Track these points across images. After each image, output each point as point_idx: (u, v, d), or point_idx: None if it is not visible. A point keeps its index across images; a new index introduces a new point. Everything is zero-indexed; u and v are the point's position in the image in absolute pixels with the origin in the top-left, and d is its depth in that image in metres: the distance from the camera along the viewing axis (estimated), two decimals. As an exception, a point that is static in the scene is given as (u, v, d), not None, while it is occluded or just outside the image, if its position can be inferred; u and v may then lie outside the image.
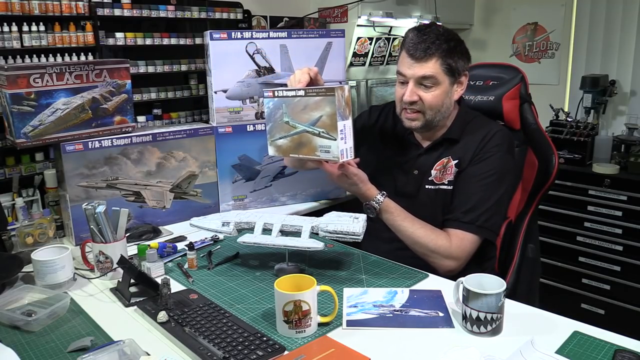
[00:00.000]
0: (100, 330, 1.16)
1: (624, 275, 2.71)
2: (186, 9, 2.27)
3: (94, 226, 1.40)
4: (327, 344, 1.08)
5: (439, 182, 1.52)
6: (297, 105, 1.44)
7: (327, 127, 1.39)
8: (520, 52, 3.58)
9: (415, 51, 1.43)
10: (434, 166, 1.54)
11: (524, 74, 1.67)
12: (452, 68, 1.45)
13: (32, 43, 1.85)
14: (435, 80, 1.45)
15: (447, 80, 1.47)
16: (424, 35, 1.44)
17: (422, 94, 1.46)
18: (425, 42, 1.43)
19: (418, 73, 1.44)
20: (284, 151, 1.50)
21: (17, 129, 1.57)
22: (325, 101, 1.38)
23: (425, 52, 1.42)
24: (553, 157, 1.62)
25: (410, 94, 1.46)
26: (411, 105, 1.48)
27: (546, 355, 1.01)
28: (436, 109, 1.48)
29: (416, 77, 1.45)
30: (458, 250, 1.43)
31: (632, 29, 3.08)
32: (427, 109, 1.48)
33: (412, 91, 1.46)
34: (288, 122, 1.46)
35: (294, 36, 2.00)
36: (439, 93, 1.46)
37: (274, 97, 1.48)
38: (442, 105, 1.49)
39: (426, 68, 1.43)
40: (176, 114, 2.33)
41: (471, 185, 1.47)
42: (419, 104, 1.47)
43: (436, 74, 1.44)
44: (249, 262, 1.52)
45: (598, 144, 2.89)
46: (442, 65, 1.44)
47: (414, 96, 1.46)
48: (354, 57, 3.02)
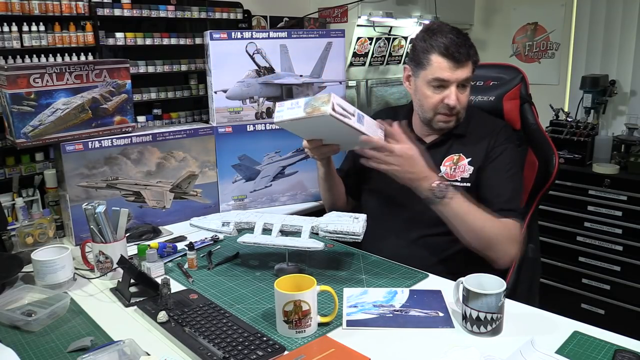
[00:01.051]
0: (100, 330, 1.16)
1: (624, 275, 2.71)
2: (186, 9, 2.27)
3: (94, 226, 1.40)
4: (327, 344, 1.08)
5: (452, 178, 1.52)
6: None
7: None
8: (520, 52, 3.58)
9: (460, 55, 1.43)
10: (442, 162, 1.54)
11: (524, 74, 1.67)
12: (477, 65, 1.50)
13: (32, 43, 1.86)
14: (470, 81, 1.49)
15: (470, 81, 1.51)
16: (460, 39, 1.44)
17: (459, 97, 1.47)
18: (465, 46, 1.44)
19: (461, 77, 1.45)
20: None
21: (17, 129, 1.57)
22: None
23: (467, 56, 1.44)
24: (553, 157, 1.62)
25: (455, 99, 1.45)
26: (453, 109, 1.47)
27: (546, 355, 1.01)
28: (466, 108, 1.52)
29: (459, 80, 1.45)
30: (518, 237, 1.43)
31: (632, 29, 3.08)
32: (461, 110, 1.50)
33: (456, 95, 1.45)
34: None
35: (294, 36, 2.00)
36: (468, 94, 1.50)
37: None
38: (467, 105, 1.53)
39: (467, 70, 1.45)
40: (176, 114, 2.33)
41: (500, 177, 1.48)
42: (457, 107, 1.48)
43: (471, 75, 1.48)
44: (249, 262, 1.52)
45: (598, 144, 2.89)
46: (473, 67, 1.48)
47: (457, 101, 1.46)
48: (354, 57, 3.02)
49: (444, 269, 1.42)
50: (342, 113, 1.29)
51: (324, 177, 1.64)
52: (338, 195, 1.72)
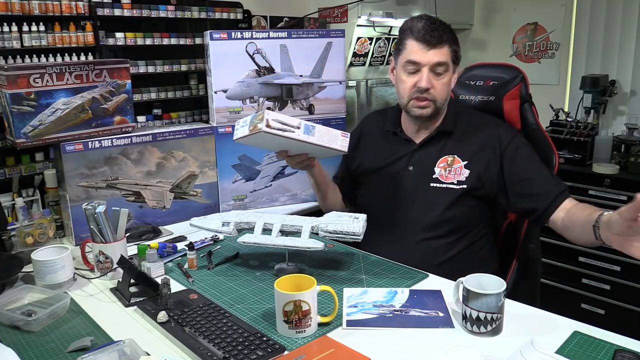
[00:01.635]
0: (100, 330, 1.16)
1: (624, 275, 2.71)
2: (186, 9, 2.27)
3: (94, 226, 1.40)
4: (327, 344, 1.08)
5: (447, 181, 1.51)
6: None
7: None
8: (520, 52, 3.58)
9: (431, 37, 1.44)
10: (435, 163, 1.53)
11: (524, 74, 1.67)
12: (457, 55, 1.49)
13: (32, 43, 1.86)
14: (447, 67, 1.47)
15: (452, 68, 1.49)
16: (434, 24, 1.46)
17: (433, 82, 1.47)
18: (438, 30, 1.45)
19: (433, 59, 1.45)
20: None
21: (17, 129, 1.57)
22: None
23: (441, 39, 1.45)
24: (553, 157, 1.62)
25: (426, 81, 1.46)
26: (425, 92, 1.47)
27: (546, 355, 1.01)
28: (445, 97, 1.51)
29: (431, 63, 1.45)
30: None
31: (632, 29, 3.07)
32: (437, 97, 1.49)
33: (428, 78, 1.46)
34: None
35: (294, 36, 2.00)
36: (447, 81, 1.49)
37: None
38: (448, 93, 1.52)
39: (440, 54, 1.45)
40: (176, 114, 2.33)
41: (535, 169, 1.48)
42: (431, 91, 1.48)
43: (447, 60, 1.47)
44: (249, 262, 1.52)
45: (598, 144, 2.89)
46: (451, 52, 1.47)
47: (429, 83, 1.46)
48: (354, 57, 3.02)
49: (442, 272, 1.42)
50: (281, 128, 1.37)
51: (315, 185, 1.69)
52: (333, 202, 1.73)
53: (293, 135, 1.38)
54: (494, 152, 1.50)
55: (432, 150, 1.55)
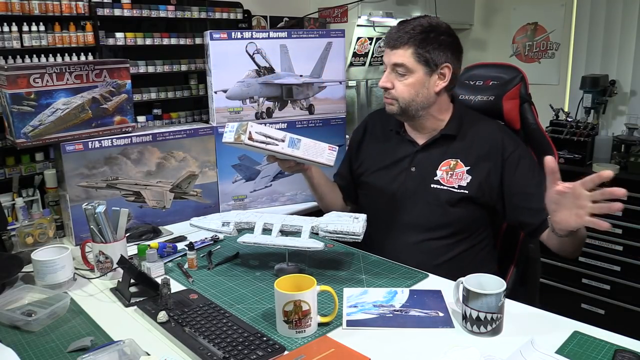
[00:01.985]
0: (100, 330, 1.16)
1: (624, 275, 2.71)
2: (186, 9, 2.27)
3: (94, 226, 1.40)
4: (327, 344, 1.08)
5: (448, 184, 1.51)
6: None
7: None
8: (520, 52, 3.58)
9: (389, 40, 1.49)
10: (438, 166, 1.53)
11: (524, 74, 1.67)
12: (426, 58, 1.46)
13: (32, 43, 1.86)
14: (407, 68, 1.47)
15: (422, 70, 1.47)
16: (401, 25, 1.49)
17: (395, 82, 1.50)
18: (399, 32, 1.48)
19: (391, 60, 1.49)
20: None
21: (17, 129, 1.57)
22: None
23: (397, 41, 1.47)
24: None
25: (383, 80, 1.52)
26: (385, 91, 1.53)
27: (546, 355, 1.01)
28: (409, 99, 1.50)
29: (390, 64, 1.50)
30: None
31: (632, 29, 3.08)
32: (399, 97, 1.50)
33: (386, 77, 1.51)
34: None
35: (294, 36, 2.00)
36: (412, 82, 1.48)
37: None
38: (417, 95, 1.49)
39: (397, 56, 1.48)
40: (176, 114, 2.33)
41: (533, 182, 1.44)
42: (391, 92, 1.51)
43: (406, 62, 1.46)
44: (249, 262, 1.52)
45: (598, 144, 2.89)
46: (415, 54, 1.46)
47: (387, 83, 1.51)
48: (354, 57, 3.02)
49: (442, 272, 1.42)
50: (264, 141, 1.40)
51: (311, 187, 1.70)
52: (332, 202, 1.74)
53: (276, 148, 1.42)
54: (496, 160, 1.49)
55: (435, 153, 1.55)
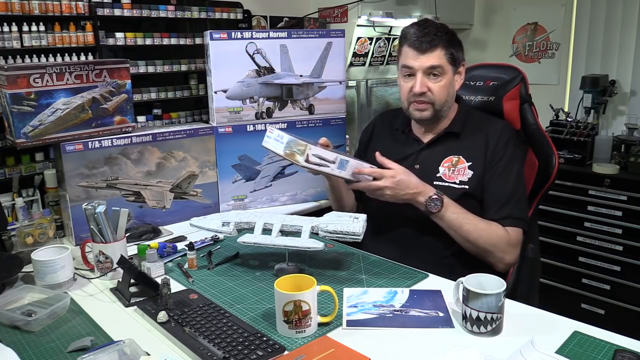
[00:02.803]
0: (100, 330, 1.16)
1: (624, 275, 2.71)
2: (186, 9, 2.27)
3: (94, 226, 1.40)
4: (327, 344, 1.08)
5: (450, 180, 1.52)
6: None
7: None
8: (520, 52, 3.58)
9: (421, 44, 1.48)
10: (441, 162, 1.54)
11: (524, 74, 1.67)
12: (454, 57, 1.51)
13: (32, 43, 1.85)
14: (442, 69, 1.49)
15: (451, 70, 1.52)
16: (426, 29, 1.49)
17: (430, 85, 1.50)
18: (429, 35, 1.48)
19: (426, 64, 1.48)
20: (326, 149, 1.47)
21: (17, 129, 1.57)
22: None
23: (431, 44, 1.47)
24: (553, 157, 1.62)
25: (420, 85, 1.50)
26: (421, 96, 1.51)
27: (546, 355, 1.01)
28: (444, 99, 1.52)
29: (424, 67, 1.49)
30: (515, 242, 1.46)
31: (632, 29, 3.07)
32: (436, 99, 1.51)
33: (422, 82, 1.50)
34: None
35: (294, 36, 2.00)
36: (445, 83, 1.51)
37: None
38: (448, 95, 1.53)
39: (432, 58, 1.48)
40: (176, 114, 2.33)
41: (497, 183, 1.49)
42: (428, 95, 1.51)
43: (442, 63, 1.49)
44: (249, 262, 1.52)
45: (598, 144, 2.89)
46: (446, 54, 1.49)
47: (424, 87, 1.50)
48: (354, 57, 3.02)
49: (444, 270, 1.42)
50: (319, 163, 1.40)
51: (330, 189, 1.72)
52: (346, 203, 1.74)
53: (327, 170, 1.42)
54: (486, 152, 1.52)
55: (439, 150, 1.57)
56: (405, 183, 1.43)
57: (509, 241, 1.45)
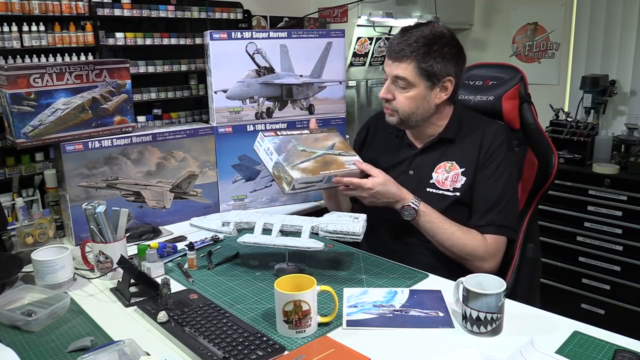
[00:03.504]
0: (100, 330, 1.16)
1: (624, 275, 2.71)
2: (186, 9, 2.27)
3: (94, 226, 1.40)
4: (327, 344, 1.08)
5: (443, 187, 1.51)
6: (307, 138, 1.56)
7: (343, 149, 1.55)
8: (520, 52, 3.58)
9: (391, 51, 1.46)
10: (434, 169, 1.53)
11: (523, 73, 1.67)
12: (428, 72, 1.43)
13: (32, 43, 1.86)
14: (408, 82, 1.44)
15: (423, 84, 1.44)
16: (404, 37, 1.45)
17: (396, 94, 1.48)
18: (401, 44, 1.43)
19: (392, 72, 1.46)
20: (311, 171, 1.46)
21: (17, 129, 1.57)
22: (332, 135, 1.60)
23: (398, 54, 1.44)
24: (553, 157, 1.62)
25: (383, 91, 1.50)
26: (386, 102, 1.51)
27: (546, 355, 1.01)
28: (409, 111, 1.48)
29: (391, 75, 1.47)
30: (494, 250, 1.44)
31: (632, 29, 3.08)
32: (399, 109, 1.48)
33: (387, 88, 1.49)
34: (305, 150, 1.50)
35: (294, 36, 2.00)
36: (412, 96, 1.46)
37: (277, 135, 1.53)
38: (417, 108, 1.47)
39: (399, 69, 1.44)
40: (176, 114, 2.33)
41: (482, 188, 1.48)
42: (393, 102, 1.49)
43: (408, 76, 1.43)
44: (249, 262, 1.52)
45: (598, 144, 2.89)
46: (416, 68, 1.42)
47: (387, 94, 1.49)
48: (354, 57, 3.02)
49: (444, 270, 1.42)
50: (304, 187, 1.45)
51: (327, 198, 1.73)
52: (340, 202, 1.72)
53: (313, 188, 1.49)
54: (477, 155, 1.50)
55: (432, 156, 1.55)
56: (381, 194, 1.43)
57: (486, 250, 1.43)
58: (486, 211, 1.45)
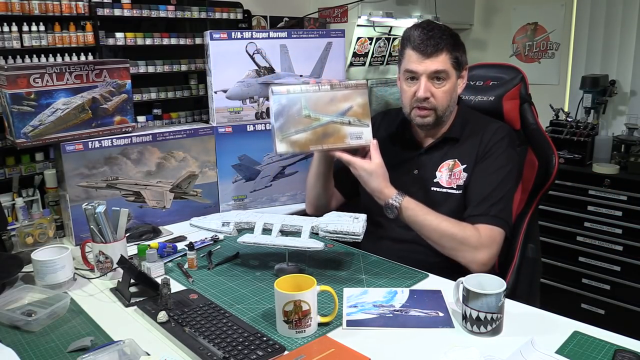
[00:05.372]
0: (100, 330, 1.16)
1: (624, 275, 2.71)
2: (186, 9, 2.27)
3: (94, 226, 1.40)
4: (327, 344, 1.08)
5: (447, 185, 1.50)
6: (320, 99, 1.43)
7: (358, 115, 1.44)
8: (520, 52, 3.58)
9: (426, 47, 1.44)
10: (437, 167, 1.53)
11: (524, 74, 1.67)
12: (459, 61, 1.48)
13: (32, 43, 1.86)
14: (446, 74, 1.46)
15: (455, 74, 1.48)
16: (431, 32, 1.45)
17: (433, 90, 1.47)
18: (434, 38, 1.44)
19: (430, 68, 1.45)
20: (301, 145, 1.42)
21: (17, 129, 1.57)
22: (357, 93, 1.45)
23: (436, 47, 1.44)
24: (553, 157, 1.62)
25: (424, 90, 1.46)
26: (424, 101, 1.48)
27: (546, 355, 1.01)
28: (447, 104, 1.49)
29: (429, 72, 1.45)
30: (488, 240, 1.40)
31: (632, 29, 3.08)
32: (439, 105, 1.48)
33: (426, 87, 1.46)
34: (309, 115, 1.43)
35: (294, 36, 2.00)
36: (449, 88, 1.48)
37: (287, 93, 1.43)
38: (451, 100, 1.50)
39: (437, 63, 1.44)
40: (176, 114, 2.33)
41: (477, 180, 1.47)
42: (431, 100, 1.48)
43: (447, 68, 1.45)
44: (249, 262, 1.52)
45: (598, 144, 2.89)
46: (451, 59, 1.46)
47: (427, 92, 1.47)
48: (354, 57, 3.02)
49: (443, 270, 1.42)
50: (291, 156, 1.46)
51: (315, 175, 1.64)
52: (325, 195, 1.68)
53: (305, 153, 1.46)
54: (477, 151, 1.50)
55: (437, 155, 1.55)
56: (364, 180, 1.43)
57: (479, 240, 1.39)
58: (480, 202, 1.44)
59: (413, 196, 1.53)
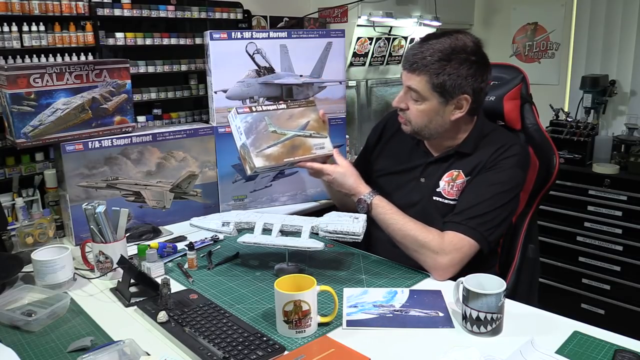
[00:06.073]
0: (100, 330, 1.16)
1: (624, 275, 2.72)
2: (186, 9, 2.27)
3: (94, 226, 1.40)
4: (327, 344, 1.08)
5: (449, 197, 1.47)
6: (281, 116, 1.54)
7: (316, 128, 1.55)
8: (520, 52, 3.58)
9: (406, 61, 1.42)
10: (442, 177, 1.50)
11: (525, 74, 1.67)
12: (440, 88, 1.37)
13: (32, 43, 1.85)
14: (420, 95, 1.40)
15: (436, 99, 1.39)
16: (421, 48, 1.38)
17: (409, 104, 1.44)
18: (416, 56, 1.38)
19: (406, 82, 1.43)
20: (276, 158, 1.47)
21: (17, 129, 1.57)
22: (309, 109, 1.58)
23: (411, 66, 1.39)
24: (554, 157, 1.62)
25: (397, 100, 1.47)
26: (400, 110, 1.48)
27: (546, 355, 1.01)
28: (422, 124, 1.44)
29: (405, 85, 1.44)
30: (450, 246, 1.35)
31: (632, 29, 3.08)
32: (412, 120, 1.45)
33: (401, 97, 1.46)
34: (275, 131, 1.51)
35: (294, 36, 2.00)
36: (425, 109, 1.41)
37: (251, 112, 1.54)
38: (430, 122, 1.43)
39: (411, 80, 1.40)
40: (176, 114, 2.33)
41: (471, 190, 1.44)
42: (406, 112, 1.46)
43: (420, 90, 1.39)
44: (249, 262, 1.52)
45: (598, 144, 2.89)
46: (429, 83, 1.37)
47: (401, 103, 1.46)
48: (354, 57, 3.02)
49: None
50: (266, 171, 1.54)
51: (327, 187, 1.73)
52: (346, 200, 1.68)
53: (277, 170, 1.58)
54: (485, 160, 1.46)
55: (444, 165, 1.51)
56: (338, 182, 1.48)
57: (440, 245, 1.35)
58: (461, 211, 1.40)
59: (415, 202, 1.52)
